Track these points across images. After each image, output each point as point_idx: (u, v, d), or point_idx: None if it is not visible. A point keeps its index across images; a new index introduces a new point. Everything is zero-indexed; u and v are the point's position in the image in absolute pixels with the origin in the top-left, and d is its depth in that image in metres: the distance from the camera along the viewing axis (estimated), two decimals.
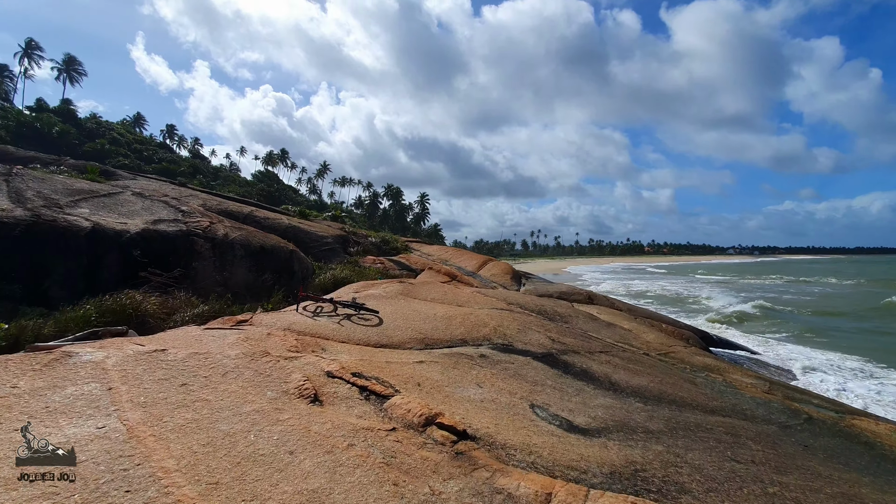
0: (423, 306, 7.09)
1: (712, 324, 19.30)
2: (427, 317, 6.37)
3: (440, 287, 9.19)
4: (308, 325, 5.21)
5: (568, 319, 8.25)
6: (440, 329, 5.85)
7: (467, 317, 6.52)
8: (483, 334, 5.84)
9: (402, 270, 13.24)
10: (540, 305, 8.90)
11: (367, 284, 8.54)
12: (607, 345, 6.51)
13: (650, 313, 13.71)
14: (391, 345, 5.09)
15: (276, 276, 8.53)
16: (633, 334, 8.14)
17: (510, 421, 3.13)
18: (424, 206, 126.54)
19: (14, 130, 35.92)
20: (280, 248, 8.90)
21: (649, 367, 5.55)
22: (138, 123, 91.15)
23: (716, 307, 25.13)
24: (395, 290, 8.06)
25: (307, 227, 13.25)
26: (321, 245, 12.59)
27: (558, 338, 6.18)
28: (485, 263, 16.64)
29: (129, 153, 44.43)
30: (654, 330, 9.53)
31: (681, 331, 11.52)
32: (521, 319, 6.96)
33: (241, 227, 8.65)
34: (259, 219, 12.29)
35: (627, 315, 11.46)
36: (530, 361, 4.97)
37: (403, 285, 8.72)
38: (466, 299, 8.38)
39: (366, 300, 7.10)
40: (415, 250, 19.33)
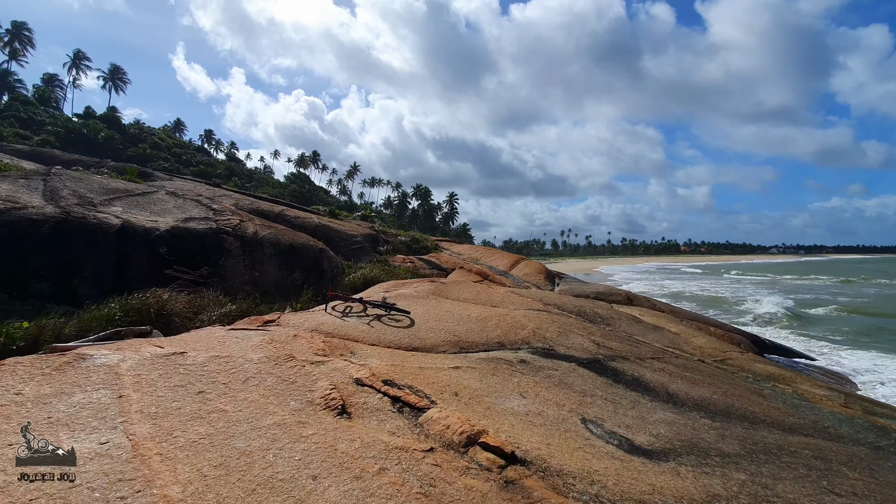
0: (456, 306, 6.75)
1: (761, 327, 18.17)
2: (461, 318, 6.01)
3: (472, 286, 8.82)
4: (336, 326, 4.95)
5: (610, 321, 7.72)
6: (475, 331, 5.48)
7: (503, 318, 6.13)
8: (521, 337, 5.44)
9: (432, 269, 12.94)
10: (578, 306, 8.40)
11: (397, 284, 8.26)
12: (657, 350, 5.98)
13: (695, 315, 12.91)
14: (424, 348, 4.77)
15: (305, 275, 8.37)
16: (683, 338, 7.53)
17: (562, 440, 2.73)
18: (453, 205, 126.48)
19: (63, 136, 37.83)
20: (309, 246, 8.74)
21: (708, 376, 5.01)
22: (178, 129, 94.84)
23: (762, 309, 23.73)
24: (426, 290, 7.74)
25: (337, 226, 13.15)
26: (351, 244, 12.45)
27: (603, 342, 5.70)
28: (517, 263, 16.16)
29: (169, 157, 46.13)
30: (703, 334, 8.85)
31: (730, 335, 10.74)
32: (560, 321, 6.51)
33: (272, 225, 8.55)
34: (289, 218, 12.25)
35: (672, 317, 10.76)
36: (575, 368, 4.54)
37: (434, 284, 8.40)
38: (500, 299, 7.98)
39: (396, 300, 6.81)
40: (445, 249, 19.04)
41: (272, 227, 8.35)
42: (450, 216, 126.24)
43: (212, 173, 42.66)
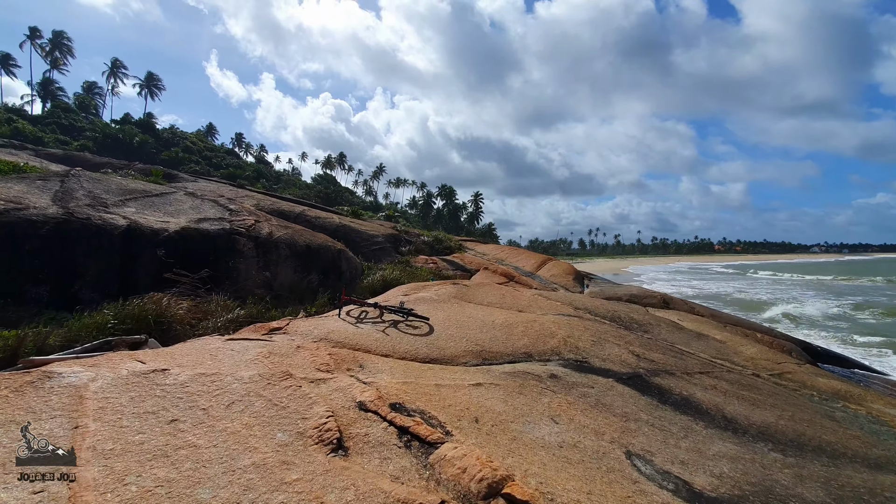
0: (480, 311, 6.27)
1: (808, 330, 16.97)
2: (484, 324, 5.54)
3: (497, 289, 8.32)
4: (348, 335, 4.55)
5: (648, 328, 7.09)
6: (500, 340, 5.00)
7: (530, 325, 5.62)
8: (551, 347, 4.92)
9: (455, 271, 12.49)
10: (612, 311, 7.78)
11: (417, 286, 7.85)
12: (705, 362, 5.34)
13: (738, 320, 12.01)
14: (442, 359, 4.32)
15: (322, 277, 8.06)
16: (731, 347, 6.82)
17: (605, 484, 2.23)
18: (478, 205, 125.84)
19: (100, 141, 39.24)
20: (327, 247, 8.43)
21: (769, 395, 4.37)
22: (210, 133, 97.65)
23: (806, 312, 22.29)
24: (447, 293, 7.30)
25: (358, 226, 12.86)
26: (372, 244, 12.12)
27: (643, 352, 5.11)
28: (544, 263, 15.53)
29: (200, 160, 47.30)
30: (750, 341, 8.08)
31: (780, 341, 9.87)
32: (593, 328, 5.95)
33: (289, 225, 8.27)
34: (310, 218, 12.02)
35: (713, 322, 9.97)
36: (613, 385, 4.00)
37: (457, 287, 7.94)
38: (527, 303, 7.46)
39: (415, 304, 6.39)
40: (469, 249, 18.58)
41: (289, 228, 8.07)
42: (475, 216, 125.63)
43: (240, 175, 43.44)
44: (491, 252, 18.14)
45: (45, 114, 52.72)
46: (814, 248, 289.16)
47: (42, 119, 49.44)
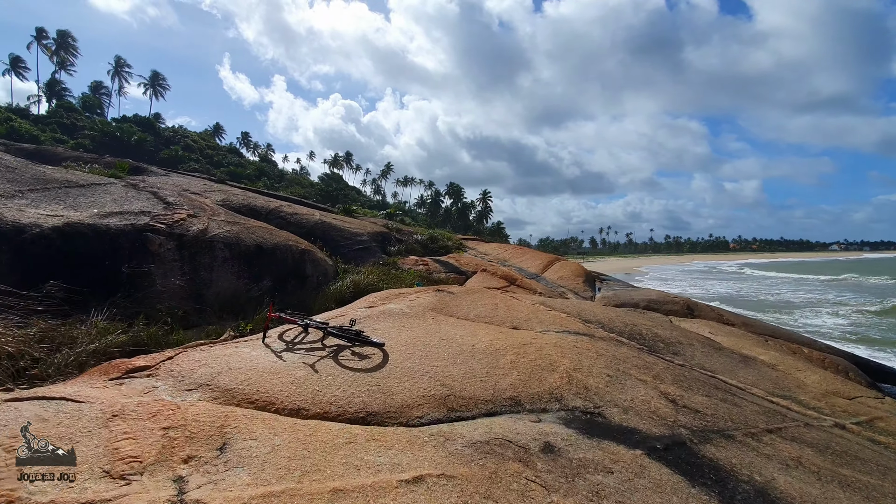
0: (460, 330, 4.85)
1: (845, 340, 15.25)
2: (461, 350, 4.11)
3: (490, 297, 6.87)
4: (253, 374, 3.15)
5: (678, 349, 5.59)
6: (478, 375, 3.56)
7: (524, 349, 4.18)
8: (549, 387, 3.47)
9: (448, 273, 11.05)
10: (631, 325, 6.29)
11: (390, 295, 6.43)
12: (769, 410, 3.82)
13: (775, 330, 10.40)
14: (385, 413, 2.90)
15: (279, 283, 6.69)
16: (786, 375, 5.29)
17: None
18: (487, 203, 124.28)
19: (98, 139, 38.49)
20: (287, 247, 7.05)
21: (879, 474, 2.87)
22: (217, 133, 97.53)
23: (845, 316, 20.47)
24: (425, 304, 5.87)
25: (340, 223, 11.48)
26: (354, 244, 10.73)
27: (680, 394, 3.64)
28: (551, 264, 14.01)
29: (201, 158, 46.38)
30: (802, 361, 6.53)
31: (831, 358, 8.29)
32: (608, 353, 4.49)
33: (238, 221, 6.91)
34: (285, 214, 10.68)
35: (752, 336, 8.41)
36: (644, 464, 2.54)
37: (440, 295, 6.51)
38: (525, 316, 6.00)
39: (378, 319, 4.99)
40: (470, 249, 17.13)
41: (237, 224, 6.71)
42: (483, 214, 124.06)
43: (242, 174, 42.47)
44: (493, 252, 16.66)
45: (48, 113, 52.43)
46: (833, 246, 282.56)
47: (44, 119, 49.03)
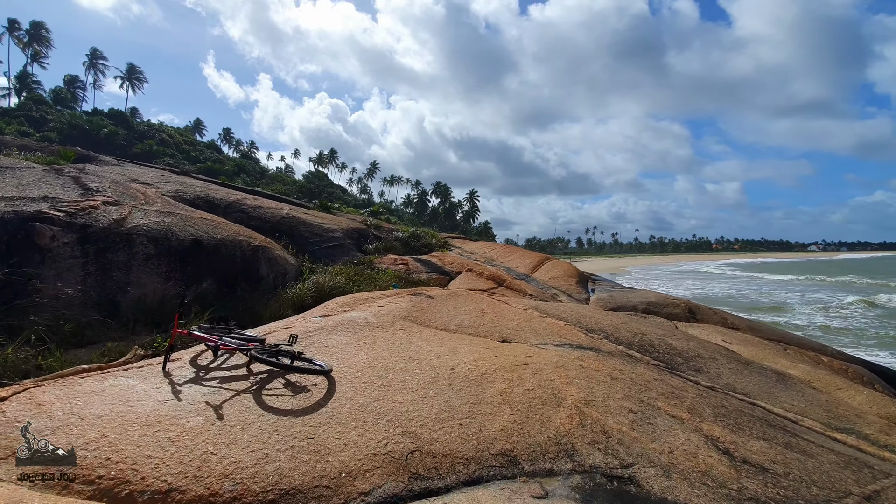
0: (436, 346, 3.85)
1: (858, 346, 14.65)
2: (436, 376, 3.11)
3: (475, 302, 5.87)
4: (113, 428, 2.10)
5: (698, 363, 4.66)
6: (457, 415, 2.57)
7: (518, 373, 3.20)
8: (555, 433, 2.50)
9: (430, 273, 10.02)
10: (640, 334, 5.34)
11: (355, 300, 5.40)
12: (849, 461, 2.86)
13: (783, 335, 9.62)
14: (312, 490, 1.89)
15: (224, 286, 5.60)
16: (828, 395, 4.40)
17: None
18: (474, 203, 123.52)
19: (65, 132, 36.56)
20: (236, 243, 5.97)
21: None
22: (198, 129, 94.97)
23: (850, 319, 20.01)
24: (396, 311, 4.85)
25: (311, 218, 10.38)
26: (325, 241, 9.65)
27: (731, 439, 2.69)
28: (541, 263, 13.09)
29: (177, 153, 44.49)
30: (838, 377, 5.68)
31: (852, 367, 7.49)
32: (624, 375, 3.53)
33: (173, 212, 5.80)
34: (247, 208, 9.55)
35: (767, 343, 7.57)
36: None
37: (416, 300, 5.49)
38: (517, 325, 5.02)
39: (333, 332, 3.96)
40: (455, 248, 16.13)
41: (173, 215, 5.62)
42: (471, 214, 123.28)
43: (219, 170, 40.71)
44: (480, 250, 15.69)
45: (16, 106, 50.06)
46: (812, 247, 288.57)
47: (12, 112, 46.70)
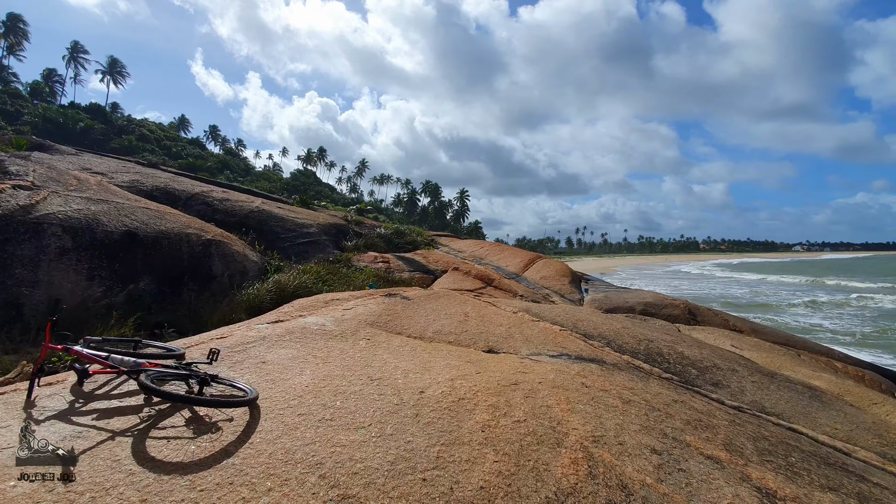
0: (405, 360, 3.13)
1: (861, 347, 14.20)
2: (398, 402, 2.39)
3: (458, 303, 5.15)
4: None
5: (716, 375, 4.00)
6: (420, 466, 1.85)
7: (506, 397, 2.50)
8: (553, 494, 1.79)
9: (413, 272, 9.29)
10: (645, 340, 4.67)
11: (317, 302, 4.65)
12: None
13: (788, 337, 9.05)
14: None
15: (168, 286, 4.81)
16: (867, 413, 3.77)
17: None
18: (464, 202, 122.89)
19: (40, 126, 35.12)
20: (183, 236, 5.18)
21: None
22: (183, 126, 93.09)
23: (845, 319, 19.69)
24: (363, 315, 4.11)
25: (283, 212, 9.57)
26: (299, 236, 8.85)
27: (790, 492, 2.00)
28: (532, 262, 12.43)
29: (158, 149, 43.09)
30: (871, 390, 5.07)
31: (868, 374, 6.93)
32: (637, 396, 2.85)
33: (106, 199, 4.97)
34: (212, 200, 8.72)
35: (778, 348, 6.97)
36: None
37: (390, 302, 4.76)
38: (506, 331, 4.32)
39: (276, 343, 3.21)
40: (442, 245, 15.41)
41: (105, 203, 4.81)
42: (461, 213, 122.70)
43: (202, 166, 39.51)
44: (468, 249, 14.99)
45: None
46: (796, 247, 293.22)
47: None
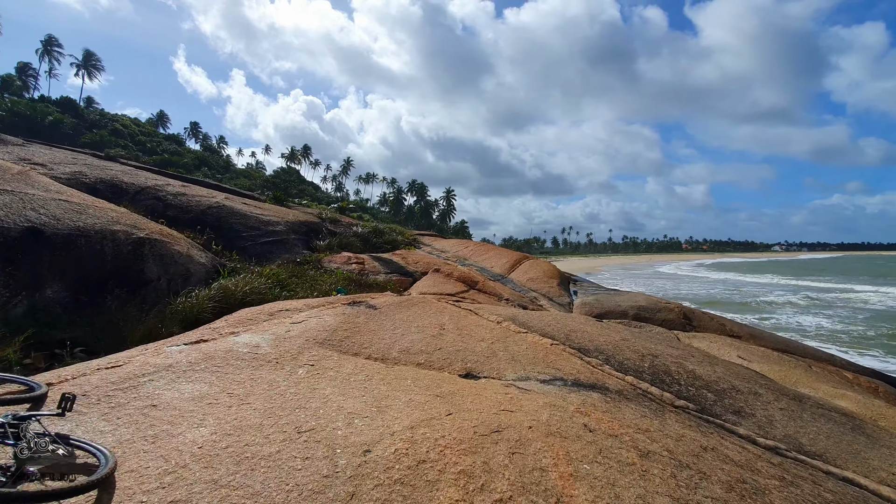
0: (353, 396, 2.41)
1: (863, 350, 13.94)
2: (326, 477, 1.66)
3: (434, 312, 4.43)
4: None
5: (736, 400, 3.37)
6: None
7: (482, 458, 1.80)
8: None
9: (390, 274, 8.53)
10: (650, 356, 4.01)
11: (262, 313, 3.88)
12: None
13: (787, 343, 8.55)
14: None
15: (85, 293, 3.99)
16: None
17: None
18: (450, 201, 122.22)
19: (7, 120, 33.36)
20: (108, 233, 4.37)
21: None
22: (162, 122, 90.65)
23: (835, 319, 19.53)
24: (313, 331, 3.37)
25: (247, 209, 8.73)
26: (262, 235, 8.02)
27: None
28: (518, 263, 11.77)
29: (132, 144, 41.37)
30: (893, 407, 4.51)
31: (882, 386, 6.43)
32: (658, 446, 2.18)
33: (14, 189, 4.13)
34: (164, 194, 7.84)
35: (788, 359, 6.41)
36: None
37: (350, 312, 4.02)
38: (488, 347, 3.63)
39: (185, 375, 2.46)
40: (424, 245, 14.69)
41: (9, 193, 3.97)
42: (447, 213, 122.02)
43: (177, 162, 38.02)
44: (452, 249, 14.28)
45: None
46: (775, 247, 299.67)
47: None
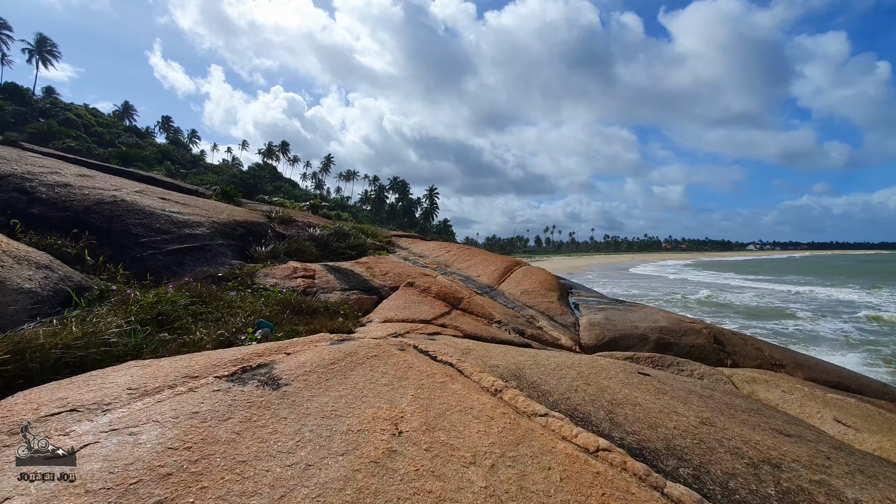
0: None
1: None
2: None
3: (386, 382, 2.58)
4: None
5: None
6: None
7: None
8: None
9: (347, 291, 6.62)
10: (765, 460, 2.25)
11: (12, 413, 1.96)
12: None
13: (840, 374, 6.96)
14: None
15: None
16: None
17: None
18: (433, 200, 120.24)
19: None
20: None
21: None
22: (128, 114, 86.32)
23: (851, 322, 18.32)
24: (100, 480, 1.52)
25: (155, 204, 6.69)
26: (173, 240, 6.04)
27: None
28: (509, 271, 9.99)
29: (85, 135, 38.14)
30: None
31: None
32: None
33: None
34: (35, 185, 5.83)
35: (859, 403, 4.78)
36: None
37: (222, 401, 2.14)
38: (483, 487, 1.84)
39: None
40: (400, 248, 12.78)
41: None
42: (430, 212, 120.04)
43: (137, 156, 35.15)
44: (432, 253, 12.41)
45: None
46: (749, 246, 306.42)
47: None
